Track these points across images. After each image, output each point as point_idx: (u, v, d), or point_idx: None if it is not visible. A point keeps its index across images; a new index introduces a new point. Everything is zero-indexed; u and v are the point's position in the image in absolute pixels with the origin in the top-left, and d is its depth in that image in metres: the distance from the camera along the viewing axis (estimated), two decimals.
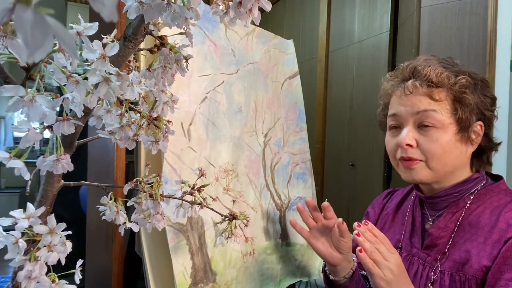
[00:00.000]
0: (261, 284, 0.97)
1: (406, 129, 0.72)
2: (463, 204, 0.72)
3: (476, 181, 0.73)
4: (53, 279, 0.38)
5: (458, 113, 0.70)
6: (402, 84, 0.74)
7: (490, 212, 0.69)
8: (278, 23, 3.49)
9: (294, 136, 1.19)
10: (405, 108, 0.73)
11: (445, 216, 0.73)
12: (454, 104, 0.70)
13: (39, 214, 0.36)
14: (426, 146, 0.70)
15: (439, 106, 0.70)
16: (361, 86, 2.45)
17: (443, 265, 0.70)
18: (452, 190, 0.73)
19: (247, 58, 1.02)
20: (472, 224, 0.69)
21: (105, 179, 0.81)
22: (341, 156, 2.62)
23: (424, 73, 0.71)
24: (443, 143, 0.69)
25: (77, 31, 0.35)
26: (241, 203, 0.95)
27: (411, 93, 0.72)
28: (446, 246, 0.71)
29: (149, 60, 0.64)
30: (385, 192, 0.98)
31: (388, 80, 0.80)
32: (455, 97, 0.70)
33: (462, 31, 1.54)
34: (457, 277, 0.67)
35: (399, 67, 0.79)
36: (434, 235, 0.73)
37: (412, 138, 0.71)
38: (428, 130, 0.70)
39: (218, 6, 0.38)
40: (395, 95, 0.76)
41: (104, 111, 0.40)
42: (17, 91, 0.30)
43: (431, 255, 0.72)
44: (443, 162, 0.70)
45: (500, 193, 0.72)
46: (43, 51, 0.17)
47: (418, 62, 0.74)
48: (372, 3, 2.38)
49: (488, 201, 0.71)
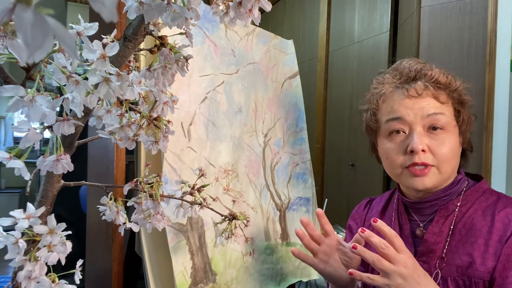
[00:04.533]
0: (261, 284, 0.97)
1: (417, 133, 0.68)
2: (453, 207, 0.71)
3: (460, 182, 0.73)
4: (53, 279, 0.38)
5: (461, 115, 0.70)
6: (407, 86, 0.71)
7: (482, 213, 0.69)
8: (278, 23, 3.49)
9: (294, 136, 1.19)
10: (412, 111, 0.69)
11: (438, 221, 0.71)
12: (456, 107, 0.70)
13: (39, 214, 0.36)
14: (438, 150, 0.68)
15: (445, 109, 0.69)
16: (361, 86, 2.45)
17: (443, 271, 0.68)
18: (441, 194, 0.72)
19: (247, 58, 1.02)
20: (467, 227, 0.69)
21: (105, 179, 0.81)
22: (341, 156, 2.62)
23: (431, 74, 0.70)
24: (452, 146, 0.69)
25: (77, 31, 0.35)
26: (241, 203, 0.95)
27: (419, 95, 0.69)
28: (442, 251, 0.69)
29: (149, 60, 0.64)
30: (364, 202, 0.93)
31: (383, 82, 0.76)
32: (458, 100, 0.70)
33: (462, 31, 1.54)
34: (461, 282, 0.66)
35: (395, 69, 0.76)
36: (429, 241, 0.70)
37: (424, 143, 0.68)
38: (438, 133, 0.68)
39: (218, 6, 0.38)
40: (395, 97, 0.72)
41: (104, 111, 0.40)
42: (17, 91, 0.30)
43: (428, 262, 0.70)
44: (452, 166, 0.70)
45: (485, 193, 0.72)
46: (43, 51, 0.17)
47: (418, 65, 0.72)
48: (372, 3, 2.38)
49: (477, 202, 0.71)
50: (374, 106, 0.77)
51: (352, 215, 0.93)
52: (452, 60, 1.54)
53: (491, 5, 1.47)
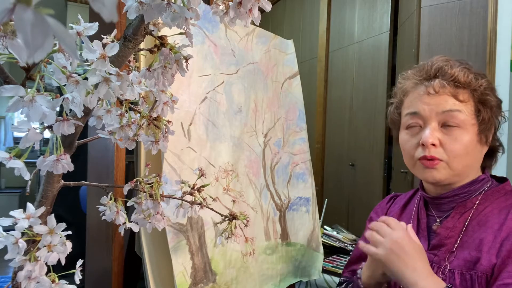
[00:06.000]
0: (261, 284, 0.97)
1: (430, 128, 0.71)
2: (471, 204, 0.73)
3: (482, 182, 0.74)
4: (53, 279, 0.38)
5: (481, 114, 0.71)
6: (426, 83, 0.73)
7: (498, 212, 0.70)
8: (278, 23, 3.49)
9: (294, 136, 1.19)
10: (428, 107, 0.72)
11: (453, 217, 0.73)
12: (477, 106, 0.71)
13: (39, 214, 0.36)
14: (450, 146, 0.70)
15: (464, 107, 0.70)
16: (361, 86, 2.45)
17: (451, 264, 0.70)
18: (460, 191, 0.73)
19: (247, 58, 1.02)
20: (481, 224, 0.70)
21: (105, 179, 0.81)
22: (341, 156, 2.62)
23: (451, 73, 0.71)
24: (466, 143, 0.70)
25: (77, 31, 0.35)
26: (241, 203, 0.95)
27: (437, 92, 0.71)
28: (454, 245, 0.71)
29: (149, 60, 0.64)
30: (388, 197, 0.97)
31: (407, 78, 0.79)
32: (479, 99, 0.71)
33: (462, 31, 1.54)
34: (468, 276, 0.67)
35: (420, 65, 0.78)
36: (442, 235, 0.73)
37: (436, 137, 0.70)
38: (452, 130, 0.70)
39: (218, 6, 0.38)
40: (416, 93, 0.75)
41: (104, 111, 0.40)
42: (17, 91, 0.30)
43: (438, 255, 0.72)
44: (464, 163, 0.71)
45: (506, 194, 0.73)
46: (43, 51, 0.17)
47: (441, 62, 0.74)
48: (372, 3, 2.38)
49: (496, 202, 0.72)
50: (397, 100, 0.81)
51: (375, 209, 0.97)
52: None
53: (491, 5, 1.47)
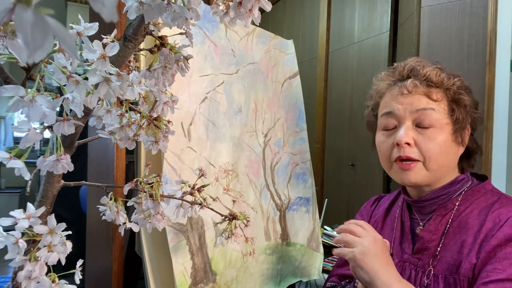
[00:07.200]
0: (261, 284, 0.97)
1: (404, 127, 0.71)
2: (452, 206, 0.72)
3: (462, 182, 0.74)
4: (53, 279, 0.38)
5: (455, 113, 0.71)
6: (400, 83, 0.74)
7: (478, 212, 0.69)
8: (278, 23, 3.49)
9: (294, 136, 1.19)
10: (402, 106, 0.72)
11: (435, 219, 0.72)
12: (451, 105, 0.71)
13: (39, 214, 0.36)
14: (425, 145, 0.69)
15: (437, 106, 0.70)
16: (361, 86, 2.45)
17: (435, 268, 0.69)
18: (440, 192, 0.73)
19: (247, 58, 1.02)
20: (462, 225, 0.69)
21: (105, 179, 0.81)
22: (341, 156, 2.62)
23: (423, 73, 0.72)
24: (441, 142, 0.70)
25: (77, 31, 0.35)
26: (241, 203, 0.95)
27: (410, 92, 0.72)
28: (437, 249, 0.70)
29: (149, 60, 0.64)
30: (373, 199, 0.96)
31: (381, 80, 0.79)
32: (452, 98, 0.71)
33: (462, 31, 1.54)
34: (452, 280, 0.66)
35: (393, 67, 0.79)
36: (425, 239, 0.72)
37: (410, 137, 0.70)
38: (427, 129, 0.70)
39: (218, 6, 0.38)
40: (390, 94, 0.76)
41: (104, 111, 0.40)
42: (17, 91, 0.30)
43: (422, 259, 0.72)
44: (440, 163, 0.70)
45: (487, 193, 0.72)
46: (43, 51, 0.17)
47: (413, 63, 0.75)
48: (372, 3, 2.38)
49: (476, 202, 0.71)
50: (373, 102, 0.81)
51: (360, 211, 0.96)
52: (452, 60, 1.54)
53: (491, 5, 1.47)
